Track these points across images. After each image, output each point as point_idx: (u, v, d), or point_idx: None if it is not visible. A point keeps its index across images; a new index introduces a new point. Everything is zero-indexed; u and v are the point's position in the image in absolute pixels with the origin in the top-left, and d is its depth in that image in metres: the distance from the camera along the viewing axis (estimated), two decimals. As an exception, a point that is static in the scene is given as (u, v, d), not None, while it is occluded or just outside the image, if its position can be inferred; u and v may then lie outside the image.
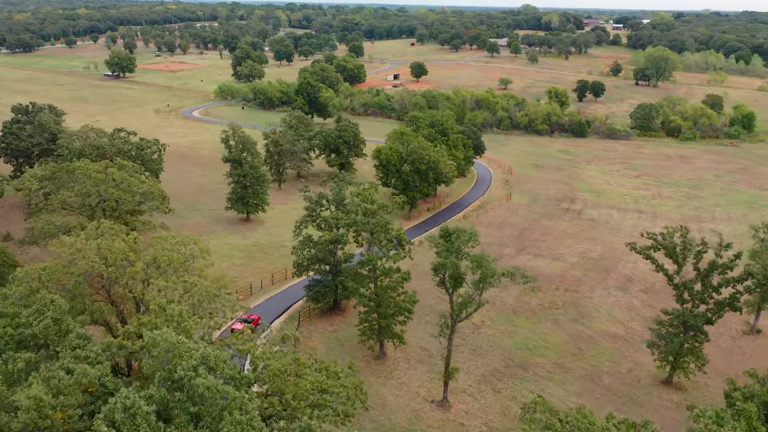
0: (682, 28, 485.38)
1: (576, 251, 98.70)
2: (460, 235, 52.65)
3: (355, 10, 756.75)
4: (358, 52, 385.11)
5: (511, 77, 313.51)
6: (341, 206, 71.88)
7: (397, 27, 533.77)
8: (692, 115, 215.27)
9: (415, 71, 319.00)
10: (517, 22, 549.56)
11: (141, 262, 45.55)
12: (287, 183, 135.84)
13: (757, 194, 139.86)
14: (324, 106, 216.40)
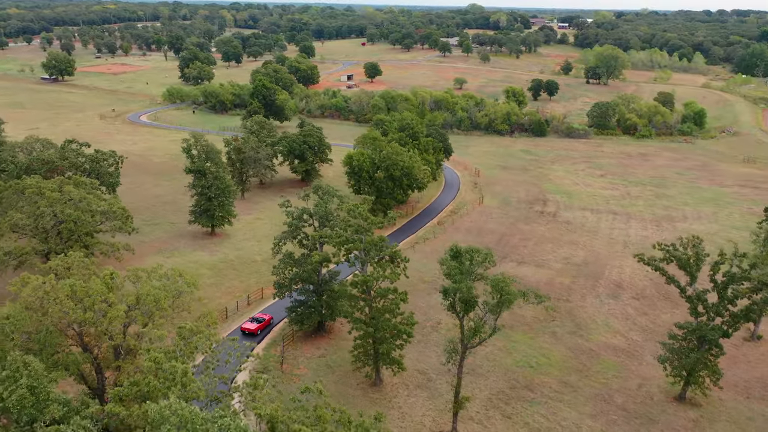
0: (625, 26, 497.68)
1: (559, 257, 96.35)
2: (474, 256, 48.56)
3: (301, 9, 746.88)
4: (309, 52, 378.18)
5: (465, 77, 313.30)
6: (326, 222, 66.80)
7: (346, 27, 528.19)
8: (647, 112, 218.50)
9: (369, 71, 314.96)
10: (465, 21, 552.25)
11: (122, 304, 39.55)
12: (250, 192, 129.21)
13: (720, 191, 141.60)
14: (281, 109, 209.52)
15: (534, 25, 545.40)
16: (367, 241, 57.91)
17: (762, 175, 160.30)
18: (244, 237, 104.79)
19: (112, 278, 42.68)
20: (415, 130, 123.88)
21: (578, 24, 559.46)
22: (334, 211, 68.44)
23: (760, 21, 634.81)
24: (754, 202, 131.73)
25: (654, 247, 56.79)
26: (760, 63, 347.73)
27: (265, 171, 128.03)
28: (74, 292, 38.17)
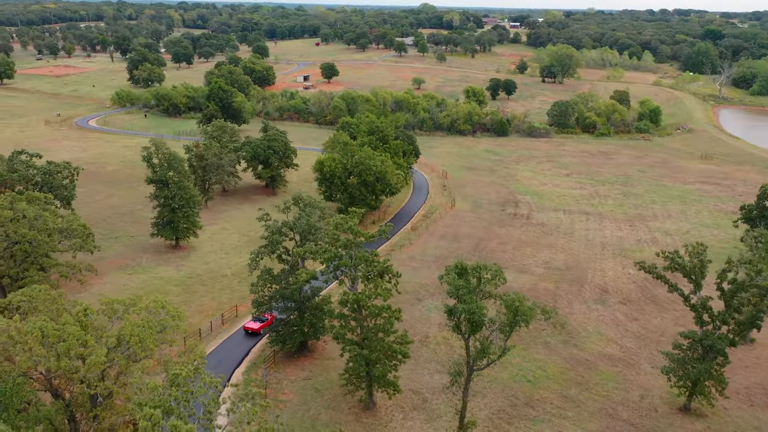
0: (575, 26, 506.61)
1: (539, 261, 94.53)
2: (482, 273, 45.42)
3: (251, 9, 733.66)
4: (263, 52, 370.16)
5: (423, 76, 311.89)
6: (309, 235, 62.63)
7: (299, 26, 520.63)
8: (605, 111, 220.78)
9: (326, 72, 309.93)
10: (419, 20, 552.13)
11: (102, 347, 34.59)
12: (213, 200, 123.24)
13: (684, 189, 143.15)
14: (238, 112, 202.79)
15: (486, 25, 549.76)
16: (357, 256, 54.09)
17: (721, 172, 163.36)
18: (211, 249, 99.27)
19: (86, 315, 37.57)
20: (384, 134, 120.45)
21: (530, 23, 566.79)
22: (317, 223, 64.25)
23: (701, 20, 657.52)
24: (719, 199, 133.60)
25: (658, 255, 54.82)
26: (706, 61, 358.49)
27: (228, 178, 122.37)
28: (45, 335, 33.01)
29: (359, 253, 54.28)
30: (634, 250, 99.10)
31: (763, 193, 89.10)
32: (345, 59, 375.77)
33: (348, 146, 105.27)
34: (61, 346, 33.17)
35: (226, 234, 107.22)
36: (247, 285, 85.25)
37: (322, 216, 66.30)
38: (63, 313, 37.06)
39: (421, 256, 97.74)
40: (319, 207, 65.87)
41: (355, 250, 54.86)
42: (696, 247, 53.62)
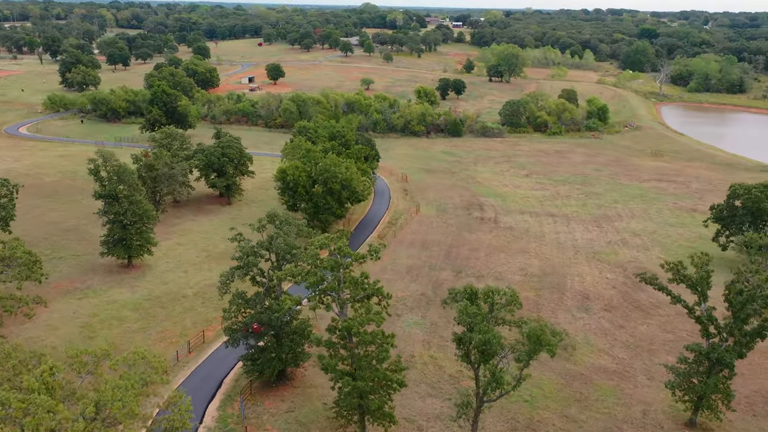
0: (517, 25, 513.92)
1: (514, 267, 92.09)
2: (495, 298, 41.73)
3: (188, 8, 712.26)
4: (204, 53, 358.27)
5: (371, 77, 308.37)
6: (289, 257, 57.50)
7: (239, 26, 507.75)
8: (555, 110, 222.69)
9: (272, 73, 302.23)
10: (362, 20, 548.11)
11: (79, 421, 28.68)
12: (166, 213, 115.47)
13: (641, 187, 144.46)
14: (184, 117, 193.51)
15: (430, 24, 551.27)
16: (347, 279, 49.52)
17: (672, 169, 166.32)
18: (167, 267, 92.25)
19: (53, 374, 31.47)
20: (346, 138, 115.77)
21: (472, 23, 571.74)
22: (296, 242, 59.18)
23: (633, 19, 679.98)
24: (676, 197, 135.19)
25: (662, 267, 52.60)
26: (644, 59, 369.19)
27: (180, 188, 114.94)
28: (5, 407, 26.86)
29: (349, 276, 49.73)
30: (607, 252, 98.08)
31: (732, 193, 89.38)
32: (290, 60, 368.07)
33: (311, 153, 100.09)
34: (29, 423, 27.16)
35: (182, 249, 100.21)
36: (212, 306, 79.48)
37: (299, 233, 61.21)
38: (22, 373, 30.89)
39: (393, 266, 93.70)
40: (296, 224, 60.72)
41: (342, 272, 50.26)
42: (701, 258, 51.62)
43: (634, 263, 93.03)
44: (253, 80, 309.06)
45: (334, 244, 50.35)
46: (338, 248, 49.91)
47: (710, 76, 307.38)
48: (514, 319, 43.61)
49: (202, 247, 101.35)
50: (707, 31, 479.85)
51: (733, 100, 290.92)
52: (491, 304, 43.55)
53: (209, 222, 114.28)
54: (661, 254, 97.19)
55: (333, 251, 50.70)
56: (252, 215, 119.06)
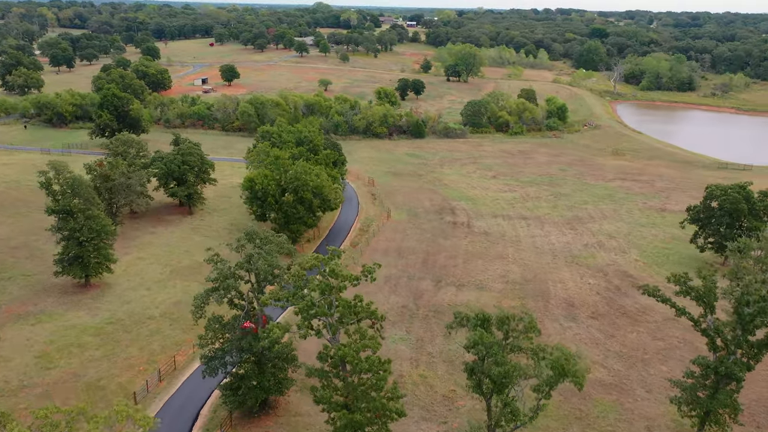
0: (471, 25, 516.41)
1: (495, 275, 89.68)
2: (512, 324, 38.56)
3: (134, 7, 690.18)
4: (154, 54, 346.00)
5: (328, 77, 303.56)
6: (274, 278, 53.13)
7: (189, 26, 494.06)
8: (515, 109, 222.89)
9: (226, 74, 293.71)
10: (316, 20, 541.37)
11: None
12: (123, 225, 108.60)
13: (608, 187, 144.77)
14: (136, 121, 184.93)
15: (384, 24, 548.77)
16: (340, 304, 45.64)
17: (634, 167, 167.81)
18: (129, 285, 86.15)
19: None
20: (314, 143, 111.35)
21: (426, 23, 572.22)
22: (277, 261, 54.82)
23: (582, 19, 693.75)
24: (644, 197, 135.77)
25: (668, 281, 50.51)
26: (596, 58, 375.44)
27: (138, 199, 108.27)
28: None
29: (341, 300, 45.86)
30: (585, 256, 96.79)
31: (709, 194, 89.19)
32: (244, 60, 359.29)
33: (280, 160, 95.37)
34: None
35: (143, 265, 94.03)
36: (180, 327, 74.30)
37: (280, 250, 56.86)
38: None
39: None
40: (277, 241, 56.33)
41: (335, 296, 46.36)
42: (707, 269, 49.78)
43: (614, 266, 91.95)
44: (206, 82, 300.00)
45: (326, 265, 46.34)
46: (331, 270, 45.94)
47: (661, 75, 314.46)
48: (531, 346, 40.64)
49: (165, 261, 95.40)
50: (654, 31, 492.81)
51: (684, 97, 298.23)
52: (506, 331, 40.43)
53: (170, 234, 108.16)
54: (639, 257, 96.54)
55: (324, 272, 46.71)
56: (215, 224, 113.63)
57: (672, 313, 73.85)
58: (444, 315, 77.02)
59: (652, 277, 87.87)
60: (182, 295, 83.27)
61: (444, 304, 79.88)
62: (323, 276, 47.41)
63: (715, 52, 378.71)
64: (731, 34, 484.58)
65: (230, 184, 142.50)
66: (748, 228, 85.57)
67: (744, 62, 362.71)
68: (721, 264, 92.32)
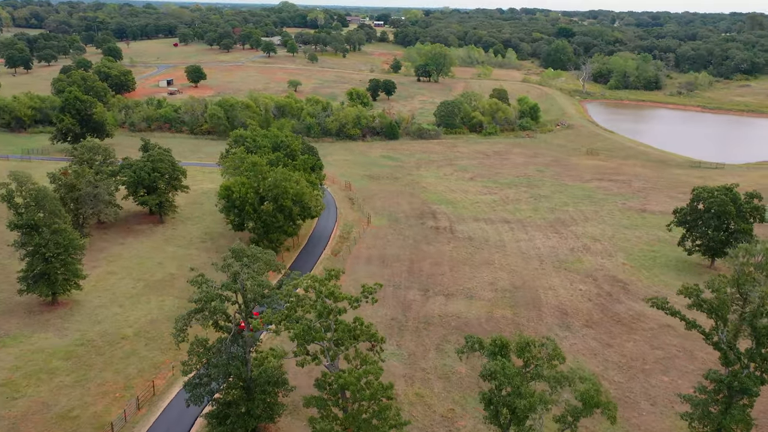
0: (438, 24, 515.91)
1: (483, 282, 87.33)
2: (534, 351, 35.82)
3: (93, 6, 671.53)
4: (116, 55, 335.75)
5: (297, 78, 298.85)
6: (263, 299, 49.52)
7: (152, 26, 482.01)
8: (489, 110, 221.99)
9: (192, 75, 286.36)
10: (282, 19, 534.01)
11: None
12: (91, 237, 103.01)
13: (586, 188, 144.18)
14: (100, 125, 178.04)
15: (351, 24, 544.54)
16: (339, 328, 42.39)
17: (610, 167, 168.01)
18: (99, 302, 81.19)
19: None
20: (292, 149, 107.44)
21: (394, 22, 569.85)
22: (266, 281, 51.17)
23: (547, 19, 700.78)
24: (623, 197, 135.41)
25: (680, 294, 48.49)
26: (564, 58, 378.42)
27: (106, 209, 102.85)
28: None
29: (341, 323, 42.62)
30: (572, 261, 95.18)
31: (696, 196, 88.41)
32: (210, 61, 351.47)
33: (257, 167, 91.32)
34: None
35: (114, 279, 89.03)
36: (158, 348, 70.01)
37: (268, 266, 53.18)
38: None
39: (354, 287, 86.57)
40: (265, 258, 52.60)
41: (333, 319, 43.10)
42: (718, 279, 47.97)
43: (602, 271, 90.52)
44: (172, 83, 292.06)
45: (324, 287, 43.03)
46: (329, 292, 42.64)
47: (628, 74, 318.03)
48: (555, 375, 37.99)
49: (137, 275, 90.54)
50: (619, 30, 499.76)
51: (651, 96, 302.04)
52: (527, 359, 37.73)
53: (141, 244, 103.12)
54: (626, 260, 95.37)
55: (321, 294, 43.39)
56: (188, 234, 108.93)
57: (667, 320, 72.82)
58: (435, 327, 74.37)
59: (641, 281, 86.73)
60: (158, 312, 78.85)
61: (434, 315, 77.17)
62: (318, 296, 44.05)
63: (679, 51, 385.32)
64: (693, 33, 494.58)
65: (202, 190, 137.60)
66: (736, 230, 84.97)
67: (707, 61, 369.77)
68: (708, 266, 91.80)
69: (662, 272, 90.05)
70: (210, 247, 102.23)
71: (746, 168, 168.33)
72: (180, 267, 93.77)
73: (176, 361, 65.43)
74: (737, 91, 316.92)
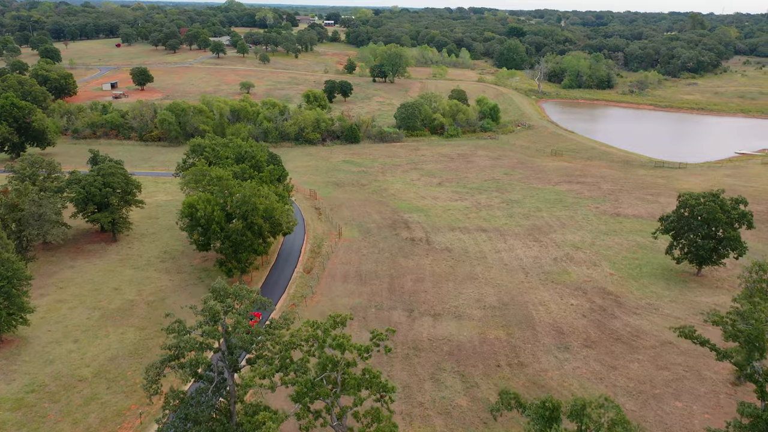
0: (390, 24, 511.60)
1: (470, 300, 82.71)
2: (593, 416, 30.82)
3: (27, 5, 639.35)
4: (54, 56, 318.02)
5: (249, 80, 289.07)
6: (253, 348, 43.12)
7: (91, 25, 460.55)
8: (449, 111, 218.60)
9: (138, 78, 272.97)
10: (229, 18, 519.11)
11: None
12: (36, 261, 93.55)
13: (555, 191, 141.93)
14: (41, 134, 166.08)
15: (301, 23, 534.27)
16: (348, 382, 36.60)
17: (576, 168, 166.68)
18: (51, 338, 72.71)
19: None
20: (257, 159, 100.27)
21: (345, 21, 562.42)
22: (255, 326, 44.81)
23: (495, 18, 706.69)
24: (594, 200, 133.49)
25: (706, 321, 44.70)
26: (516, 57, 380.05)
27: (54, 230, 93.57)
28: None
29: (350, 376, 36.82)
30: (558, 272, 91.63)
31: (683, 203, 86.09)
32: (156, 62, 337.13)
33: (223, 182, 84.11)
34: None
35: (66, 309, 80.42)
36: (121, 390, 62.53)
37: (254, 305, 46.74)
38: None
39: (333, 309, 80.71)
40: (252, 298, 46.02)
41: (341, 371, 37.29)
42: (758, 310, 44.35)
43: (591, 283, 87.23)
44: (116, 86, 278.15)
45: (329, 336, 37.14)
46: (337, 344, 36.77)
47: (581, 73, 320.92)
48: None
49: (91, 303, 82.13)
50: (568, 30, 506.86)
51: (604, 95, 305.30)
52: (585, 426, 32.78)
53: (94, 267, 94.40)
54: (611, 269, 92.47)
55: (324, 342, 37.48)
56: (146, 253, 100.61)
57: (666, 335, 69.71)
58: (426, 353, 69.21)
59: (632, 293, 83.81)
60: (118, 347, 71.06)
61: (423, 339, 72.03)
62: (321, 346, 38.10)
63: (627, 50, 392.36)
64: (638, 32, 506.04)
65: (156, 202, 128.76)
66: (725, 238, 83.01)
67: (654, 60, 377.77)
68: (696, 274, 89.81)
69: (651, 282, 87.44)
70: (170, 268, 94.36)
71: (707, 167, 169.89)
72: (139, 292, 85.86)
73: (143, 407, 58.32)
74: (685, 89, 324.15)
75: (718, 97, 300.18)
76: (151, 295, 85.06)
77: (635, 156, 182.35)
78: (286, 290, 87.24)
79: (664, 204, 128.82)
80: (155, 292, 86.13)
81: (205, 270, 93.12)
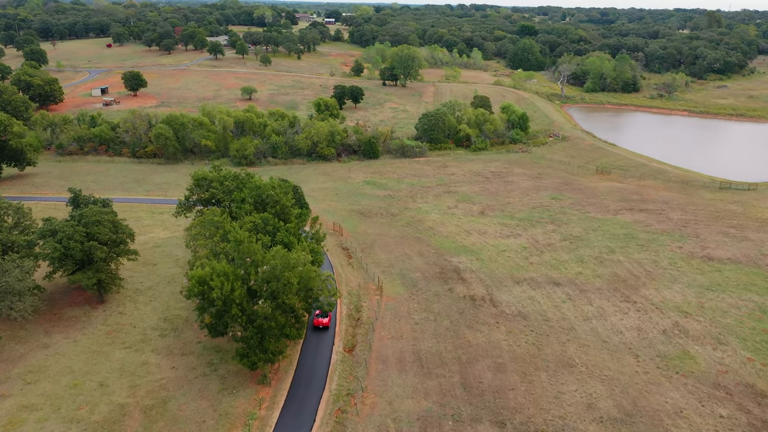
0: (395, 22, 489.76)
1: (578, 406, 61.75)
2: None
3: (14, 2, 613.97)
4: (41, 59, 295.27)
5: (251, 84, 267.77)
6: None
7: (81, 24, 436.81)
8: (475, 121, 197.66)
9: (130, 83, 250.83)
10: (226, 17, 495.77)
11: None
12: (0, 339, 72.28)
13: (621, 222, 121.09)
14: (19, 152, 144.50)
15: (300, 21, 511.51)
16: None
17: (630, 190, 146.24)
18: (7, 482, 51.51)
19: None
20: (282, 205, 78.75)
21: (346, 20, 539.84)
22: None
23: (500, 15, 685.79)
24: (670, 236, 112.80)
25: None
26: (531, 57, 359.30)
27: (20, 303, 71.93)
28: None
29: None
30: (679, 355, 70.86)
31: None
32: (149, 65, 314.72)
33: (243, 246, 62.77)
34: None
35: (33, 421, 59.19)
36: None
37: None
38: None
39: (396, 422, 59.72)
40: None
41: None
42: None
43: (731, 376, 66.49)
44: (106, 92, 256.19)
45: None
46: None
47: (605, 75, 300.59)
48: None
49: (67, 411, 61.03)
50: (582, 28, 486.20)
51: (631, 99, 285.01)
52: None
53: (73, 347, 73.33)
54: (749, 353, 71.51)
55: None
56: (141, 321, 79.55)
57: None
58: None
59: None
60: (102, 499, 49.92)
61: (534, 483, 51.13)
62: None
63: (647, 51, 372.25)
64: (654, 31, 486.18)
65: (153, 242, 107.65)
66: None
67: (676, 60, 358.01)
68: None
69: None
70: (172, 347, 73.35)
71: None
72: (132, 390, 64.83)
73: None
74: (716, 92, 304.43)
75: (754, 102, 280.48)
76: (149, 396, 64.01)
77: (693, 174, 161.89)
78: (327, 385, 66.19)
79: (757, 242, 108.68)
80: (154, 390, 65.06)
81: (218, 350, 72.08)
